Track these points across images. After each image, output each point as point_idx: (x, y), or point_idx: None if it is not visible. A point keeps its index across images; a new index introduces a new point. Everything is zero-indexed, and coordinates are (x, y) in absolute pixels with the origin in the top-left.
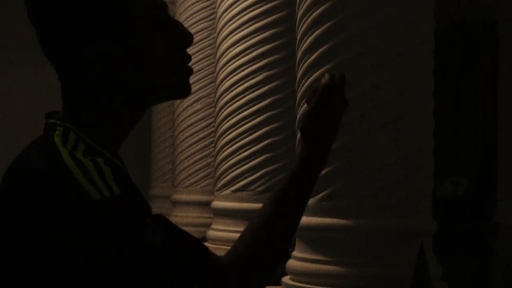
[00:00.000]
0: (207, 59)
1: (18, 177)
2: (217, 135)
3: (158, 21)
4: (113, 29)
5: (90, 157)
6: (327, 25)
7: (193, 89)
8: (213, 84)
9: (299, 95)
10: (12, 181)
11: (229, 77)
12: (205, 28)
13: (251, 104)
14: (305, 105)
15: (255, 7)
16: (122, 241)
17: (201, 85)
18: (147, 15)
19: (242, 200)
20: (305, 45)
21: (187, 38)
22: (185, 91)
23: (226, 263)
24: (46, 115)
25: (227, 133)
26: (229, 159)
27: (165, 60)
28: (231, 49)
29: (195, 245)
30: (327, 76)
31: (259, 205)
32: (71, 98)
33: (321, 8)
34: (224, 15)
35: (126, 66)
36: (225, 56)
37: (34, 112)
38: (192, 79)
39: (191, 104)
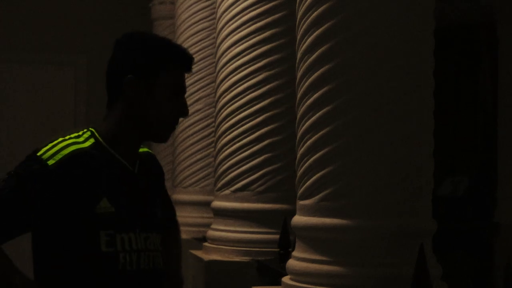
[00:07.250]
0: (207, 59)
1: None
2: (217, 135)
3: (174, 89)
4: (143, 74)
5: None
6: (327, 25)
7: (193, 89)
8: (213, 84)
9: (299, 95)
10: None
11: (229, 77)
12: (205, 28)
13: (251, 104)
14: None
15: (255, 7)
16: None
17: (201, 85)
18: (167, 83)
19: (242, 200)
20: (305, 45)
21: (184, 110)
22: (163, 140)
23: None
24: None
25: (227, 133)
26: (229, 159)
27: (164, 118)
28: (231, 49)
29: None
30: None
31: (259, 205)
32: (107, 113)
33: (321, 8)
34: (224, 15)
35: (140, 102)
36: (225, 56)
37: (35, 112)
38: (192, 79)
39: (191, 104)
